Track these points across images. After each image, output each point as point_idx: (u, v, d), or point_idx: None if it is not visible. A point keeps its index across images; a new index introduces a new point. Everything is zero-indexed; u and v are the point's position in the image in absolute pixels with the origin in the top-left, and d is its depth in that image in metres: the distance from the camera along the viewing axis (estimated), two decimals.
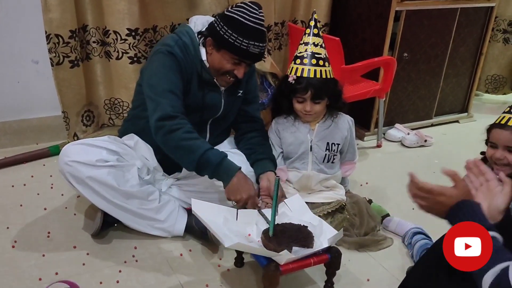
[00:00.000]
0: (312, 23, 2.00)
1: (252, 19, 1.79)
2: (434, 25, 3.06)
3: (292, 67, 1.99)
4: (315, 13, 2.04)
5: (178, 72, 1.87)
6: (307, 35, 1.99)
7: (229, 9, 1.84)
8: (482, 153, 1.88)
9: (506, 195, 1.31)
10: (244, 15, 1.79)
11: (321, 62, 1.97)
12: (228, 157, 1.95)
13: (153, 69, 1.90)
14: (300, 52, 1.99)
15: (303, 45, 1.99)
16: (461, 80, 3.45)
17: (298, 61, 1.98)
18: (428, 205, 1.26)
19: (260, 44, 1.82)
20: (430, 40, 3.10)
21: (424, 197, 1.25)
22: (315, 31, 1.99)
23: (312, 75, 1.94)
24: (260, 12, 1.81)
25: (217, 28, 1.83)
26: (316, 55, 1.96)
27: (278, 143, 2.13)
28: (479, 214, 1.17)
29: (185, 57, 1.89)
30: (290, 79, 1.97)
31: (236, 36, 1.79)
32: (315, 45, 1.97)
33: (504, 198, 1.31)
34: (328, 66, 1.99)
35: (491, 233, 1.10)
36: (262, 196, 1.96)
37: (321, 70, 1.96)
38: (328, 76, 1.98)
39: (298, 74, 1.96)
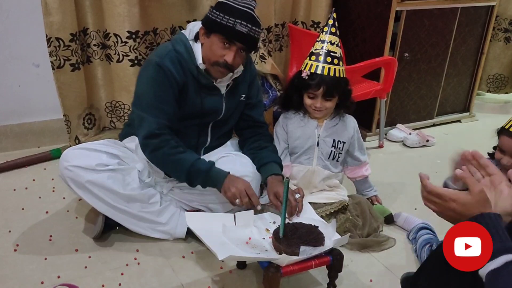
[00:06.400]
0: (331, 21, 2.01)
1: (241, 3, 1.80)
2: (434, 24, 3.05)
3: (307, 63, 2.01)
4: (334, 11, 2.05)
5: (166, 85, 1.86)
6: (324, 33, 2.02)
7: None
8: (490, 154, 1.88)
9: None
10: (235, 0, 1.81)
11: (335, 61, 1.99)
12: (233, 159, 1.99)
13: (140, 81, 1.93)
14: (316, 49, 2.01)
15: (320, 42, 2.01)
16: (462, 80, 3.44)
17: (313, 57, 2.00)
18: (439, 211, 1.15)
19: (248, 24, 1.79)
20: (430, 40, 3.10)
21: (435, 201, 1.15)
22: (333, 29, 2.01)
23: (326, 73, 1.97)
24: None
25: (209, 14, 1.85)
26: (331, 53, 1.99)
27: (284, 138, 2.13)
28: (501, 233, 1.04)
29: (175, 67, 1.86)
30: (303, 75, 1.99)
31: (222, 15, 1.79)
32: (332, 43, 2.00)
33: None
34: (342, 66, 2.02)
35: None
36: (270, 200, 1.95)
37: (335, 69, 1.98)
38: (341, 75, 2.01)
39: (312, 70, 1.98)
